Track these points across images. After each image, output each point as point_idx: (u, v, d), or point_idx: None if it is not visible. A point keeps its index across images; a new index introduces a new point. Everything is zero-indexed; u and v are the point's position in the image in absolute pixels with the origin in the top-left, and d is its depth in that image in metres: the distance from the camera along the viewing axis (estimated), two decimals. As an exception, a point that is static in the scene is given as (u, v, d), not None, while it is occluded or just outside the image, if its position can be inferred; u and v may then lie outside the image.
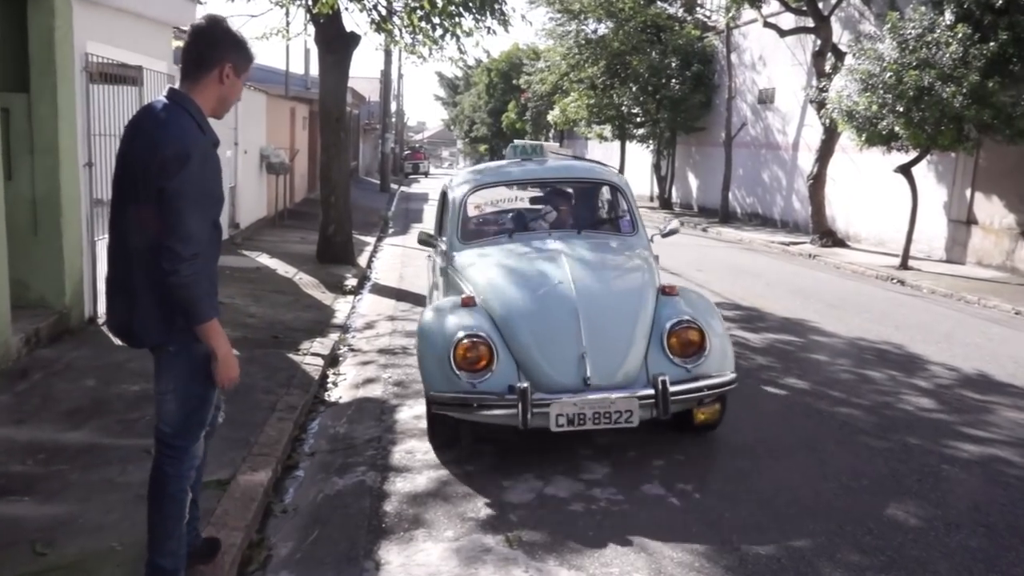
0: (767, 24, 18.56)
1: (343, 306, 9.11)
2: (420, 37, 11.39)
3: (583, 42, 25.86)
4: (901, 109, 11.95)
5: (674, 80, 23.89)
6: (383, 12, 11.45)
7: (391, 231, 18.27)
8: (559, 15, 26.05)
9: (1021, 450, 5.15)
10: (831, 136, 16.27)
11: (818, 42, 16.90)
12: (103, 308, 7.15)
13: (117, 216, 2.86)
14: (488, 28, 11.39)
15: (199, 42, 2.84)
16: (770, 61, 21.50)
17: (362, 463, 4.77)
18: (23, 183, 6.45)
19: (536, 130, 41.00)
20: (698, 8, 26.24)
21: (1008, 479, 4.63)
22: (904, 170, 13.46)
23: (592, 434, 5.08)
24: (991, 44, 11.34)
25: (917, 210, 13.57)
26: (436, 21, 10.99)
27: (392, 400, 5.93)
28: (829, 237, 16.81)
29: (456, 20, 10.98)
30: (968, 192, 14.33)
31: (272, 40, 12.82)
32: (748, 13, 19.87)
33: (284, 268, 11.16)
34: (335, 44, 11.52)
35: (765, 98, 22.01)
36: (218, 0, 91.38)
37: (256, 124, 15.36)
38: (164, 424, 2.97)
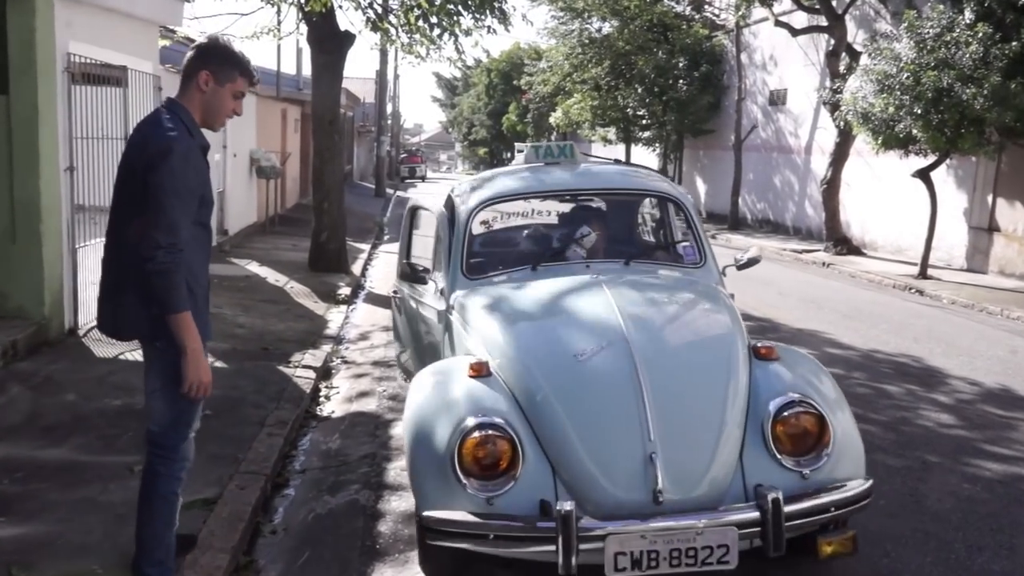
0: (778, 23, 18.62)
1: (336, 316, 9.11)
2: (417, 36, 11.44)
3: (587, 41, 25.92)
4: (919, 111, 11.97)
5: (681, 81, 23.94)
6: (379, 10, 11.51)
7: (386, 238, 18.29)
8: (562, 13, 26.12)
9: (1046, 468, 5.14)
10: (846, 139, 16.30)
11: (832, 41, 16.96)
12: (84, 319, 7.21)
13: (113, 215, 3.13)
14: (488, 27, 11.44)
15: (188, 56, 3.15)
16: (782, 61, 21.56)
17: (355, 481, 4.76)
18: (1, 188, 6.45)
19: (538, 132, 41.06)
20: (706, 6, 26.31)
21: (1033, 499, 4.62)
22: (922, 175, 13.47)
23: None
24: (1013, 44, 11.37)
25: (936, 216, 13.58)
26: (434, 20, 11.03)
27: (387, 415, 5.92)
28: (844, 244, 16.82)
29: (454, 19, 11.03)
30: (990, 198, 14.35)
31: (263, 39, 12.86)
32: (759, 11, 19.95)
33: (275, 276, 11.17)
34: (328, 43, 11.56)
35: (776, 99, 22.06)
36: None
37: (246, 127, 15.39)
38: (153, 423, 3.20)
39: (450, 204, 4.89)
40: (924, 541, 4.08)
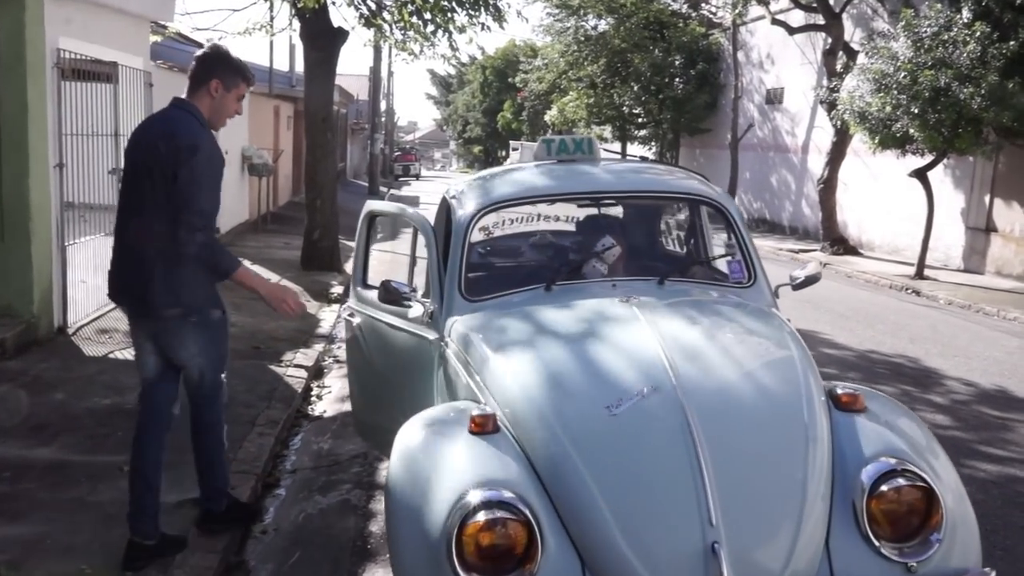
0: (775, 21, 18.67)
1: (328, 315, 9.11)
2: (411, 33, 11.44)
3: (582, 39, 25.98)
4: (916, 110, 12.01)
5: (678, 79, 23.99)
6: (372, 6, 11.50)
7: (379, 236, 18.28)
8: (557, 10, 26.18)
9: (1041, 469, 5.17)
10: (842, 138, 16.35)
11: (829, 40, 17.01)
12: (74, 317, 7.20)
13: (132, 204, 3.47)
14: (482, 24, 11.43)
15: (198, 64, 3.54)
16: (778, 60, 21.61)
17: (347, 481, 4.76)
18: (-10, 185, 6.44)
19: (533, 130, 41.09)
20: (703, 4, 26.36)
21: (1027, 500, 4.65)
22: (919, 174, 13.52)
23: None
24: (1011, 43, 11.42)
25: (933, 217, 13.63)
26: (428, 16, 11.03)
27: (379, 415, 5.92)
28: (840, 244, 16.87)
29: (448, 15, 11.02)
30: (987, 198, 14.40)
31: (255, 35, 12.84)
32: (756, 9, 20.00)
33: (267, 275, 11.14)
34: (321, 40, 11.55)
35: (773, 98, 22.11)
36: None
37: (238, 123, 15.35)
38: (196, 385, 3.65)
39: (445, 208, 4.14)
40: (918, 542, 4.09)
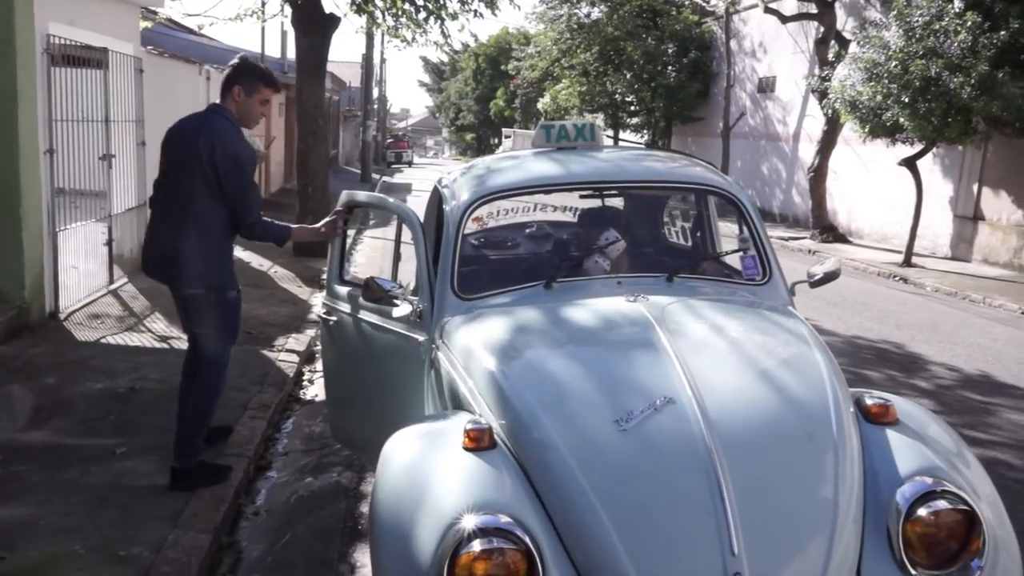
0: (768, 10, 18.68)
1: (320, 300, 9.12)
2: (403, 19, 11.43)
3: (575, 26, 25.93)
4: (906, 100, 12.06)
5: (670, 67, 23.99)
6: (364, -7, 11.48)
7: (372, 223, 18.27)
8: (550, -2, 26.14)
9: (1022, 453, 5.24)
10: (833, 127, 16.39)
11: (821, 29, 17.03)
12: (65, 302, 7.21)
13: (169, 191, 4.01)
14: (474, 11, 11.44)
15: (226, 73, 4.09)
16: (771, 48, 21.62)
17: (337, 463, 4.80)
18: (-19, 170, 6.44)
19: (526, 118, 41.04)
20: (696, -8, 26.36)
21: (1007, 482, 4.72)
22: (909, 163, 13.58)
23: None
24: (1001, 33, 11.45)
25: (922, 205, 13.70)
26: (420, 3, 11.02)
27: (370, 400, 5.96)
28: (830, 232, 16.95)
29: (440, 2, 11.02)
30: (975, 187, 14.48)
31: (246, 21, 12.80)
32: (748, -3, 19.99)
33: (258, 261, 11.16)
34: (313, 26, 11.53)
35: (765, 87, 22.13)
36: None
37: (229, 110, 15.33)
38: (208, 352, 4.06)
39: (436, 198, 3.91)
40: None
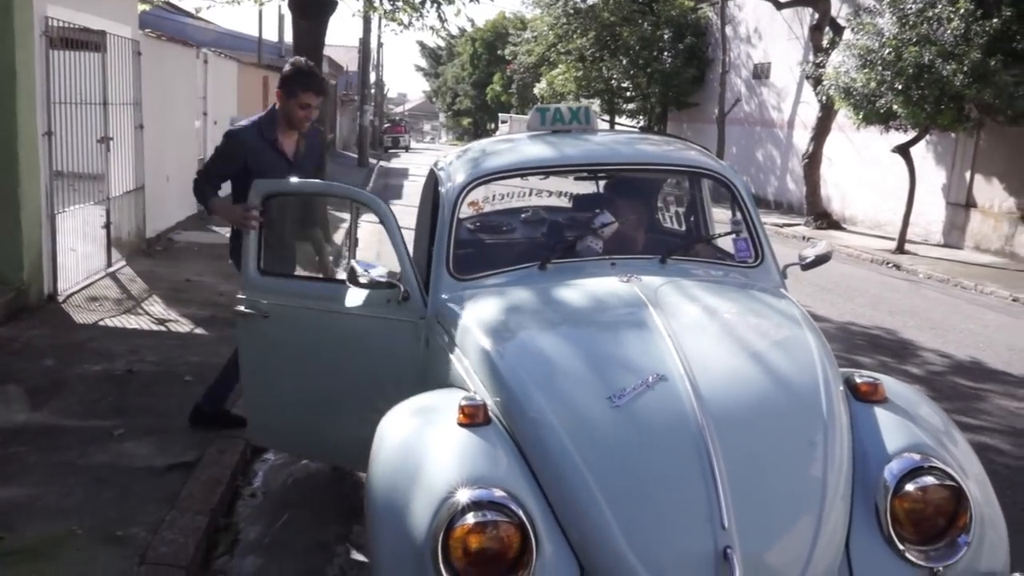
0: (763, -4, 18.58)
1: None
2: (400, 3, 11.35)
3: (572, 11, 25.78)
4: (900, 87, 12.04)
5: (666, 53, 23.89)
6: (361, -23, 11.40)
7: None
8: (547, -17, 25.97)
9: (1012, 438, 5.27)
10: (827, 114, 16.36)
11: (816, 15, 16.97)
12: (64, 284, 7.19)
13: None
14: (471, -5, 11.34)
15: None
16: (766, 34, 21.55)
17: (334, 447, 4.80)
18: (-21, 152, 6.40)
19: (522, 103, 40.89)
20: (692, -22, 26.21)
21: (997, 467, 4.73)
22: (902, 150, 13.58)
23: None
24: (994, 20, 11.42)
25: (915, 192, 13.71)
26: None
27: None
28: (824, 219, 16.95)
29: (437, -14, 10.95)
30: (968, 174, 14.48)
31: (244, 5, 12.72)
32: (744, -16, 19.88)
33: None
34: (310, 9, 11.44)
35: (760, 73, 22.07)
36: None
37: (226, 93, 15.24)
38: None
39: (432, 181, 3.93)
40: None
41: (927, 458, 2.36)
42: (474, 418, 2.43)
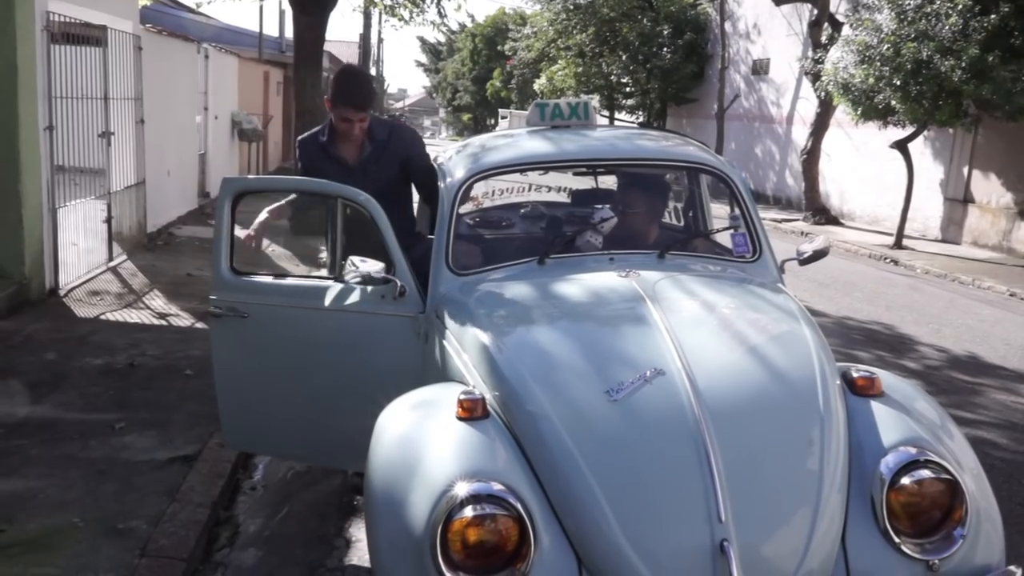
0: (763, -8, 18.53)
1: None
2: (400, -1, 11.31)
3: (571, 7, 25.71)
4: (898, 82, 12.00)
5: (665, 49, 23.84)
6: (361, -28, 11.37)
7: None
8: (547, -22, 25.93)
9: (1008, 432, 5.27)
10: (826, 109, 16.33)
11: (814, 11, 16.91)
12: (65, 279, 7.18)
13: None
14: (471, -9, 11.31)
15: None
16: (765, 30, 21.50)
17: (334, 440, 4.80)
18: (-20, 147, 6.39)
19: (522, 99, 40.79)
20: (692, -26, 26.15)
21: (993, 461, 4.73)
22: (900, 146, 13.55)
23: None
24: (992, 16, 11.38)
25: (913, 188, 13.68)
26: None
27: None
28: (822, 214, 16.92)
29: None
30: (965, 170, 14.46)
31: (244, 0, 12.68)
32: (743, -20, 19.83)
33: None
34: (310, 5, 11.42)
35: (759, 69, 22.03)
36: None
37: (227, 88, 15.23)
38: None
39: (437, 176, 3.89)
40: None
41: (923, 452, 2.36)
42: (473, 412, 2.43)
